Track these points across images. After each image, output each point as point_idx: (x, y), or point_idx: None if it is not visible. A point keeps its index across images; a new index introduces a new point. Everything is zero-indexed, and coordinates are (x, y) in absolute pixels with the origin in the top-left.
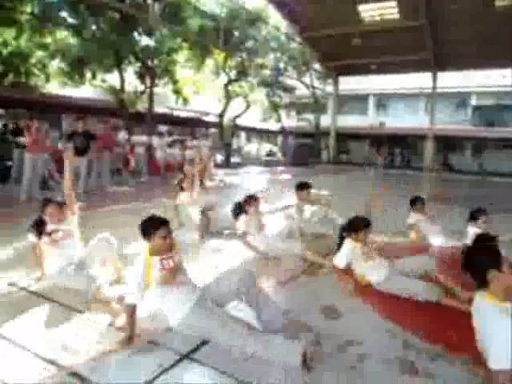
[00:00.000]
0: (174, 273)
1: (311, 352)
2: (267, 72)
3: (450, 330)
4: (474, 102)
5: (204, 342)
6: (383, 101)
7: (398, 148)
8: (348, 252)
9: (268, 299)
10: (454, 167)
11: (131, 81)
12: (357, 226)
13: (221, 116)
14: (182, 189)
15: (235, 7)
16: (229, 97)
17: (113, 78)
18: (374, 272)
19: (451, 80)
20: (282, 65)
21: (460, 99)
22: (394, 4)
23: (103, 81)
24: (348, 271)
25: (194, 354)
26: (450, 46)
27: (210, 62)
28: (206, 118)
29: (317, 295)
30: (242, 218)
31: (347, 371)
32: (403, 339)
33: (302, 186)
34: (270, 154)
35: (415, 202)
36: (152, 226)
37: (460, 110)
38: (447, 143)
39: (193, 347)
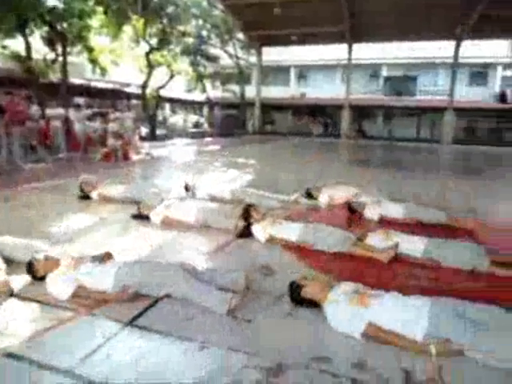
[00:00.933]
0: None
1: (235, 303)
2: (190, 40)
3: (363, 273)
4: (385, 73)
5: (146, 309)
6: (304, 72)
7: (328, 118)
8: (259, 234)
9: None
10: (368, 134)
11: (40, 48)
12: (248, 215)
13: (143, 87)
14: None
15: None
16: (151, 66)
17: (17, 44)
18: (283, 231)
19: (366, 52)
20: (204, 32)
21: (373, 70)
22: None
23: (3, 47)
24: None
25: (136, 321)
26: (365, 18)
27: (128, 29)
28: (128, 89)
29: (252, 256)
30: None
31: (284, 318)
32: None
33: None
34: (197, 125)
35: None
36: None
37: (373, 81)
38: (362, 112)
39: (135, 314)
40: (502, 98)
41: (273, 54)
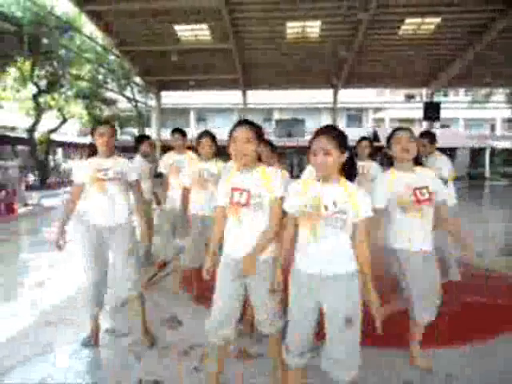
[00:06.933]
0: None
1: None
2: (84, 83)
3: None
4: (276, 116)
5: None
6: (203, 115)
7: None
8: None
9: None
10: None
11: None
12: None
13: (31, 131)
14: None
15: (41, 12)
16: (39, 109)
17: None
18: None
19: (259, 97)
20: (100, 77)
21: (266, 114)
22: (205, 27)
23: None
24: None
25: None
26: (255, 68)
27: (13, 71)
28: (13, 134)
29: (158, 307)
30: None
31: (192, 373)
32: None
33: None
34: None
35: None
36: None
37: (266, 123)
38: None
39: None
40: (375, 136)
41: (172, 97)
